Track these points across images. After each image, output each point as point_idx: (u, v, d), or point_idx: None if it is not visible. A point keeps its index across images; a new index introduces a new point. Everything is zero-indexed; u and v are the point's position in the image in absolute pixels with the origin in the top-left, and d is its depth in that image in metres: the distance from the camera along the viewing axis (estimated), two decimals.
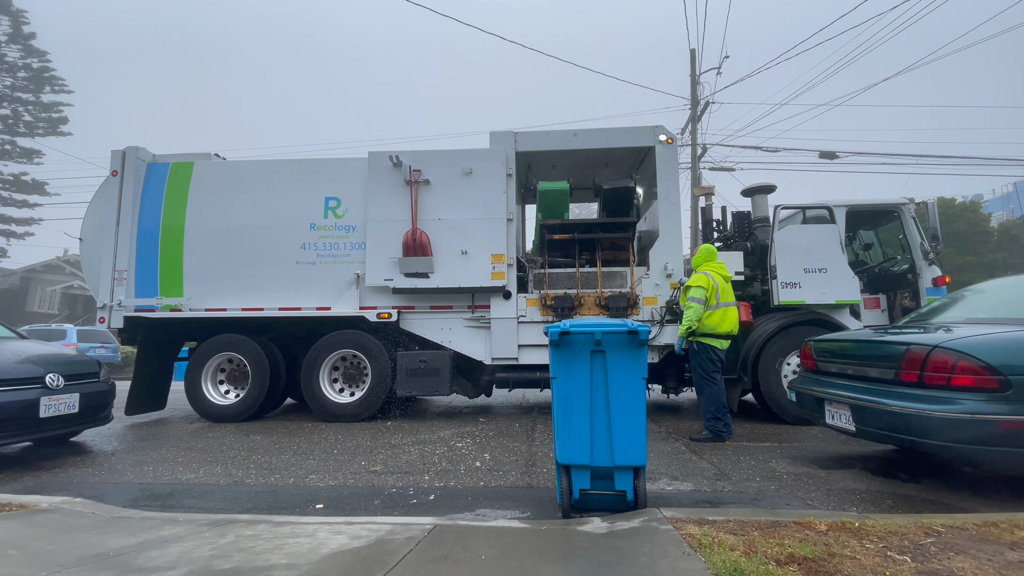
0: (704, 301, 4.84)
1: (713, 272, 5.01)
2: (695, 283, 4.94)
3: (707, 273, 4.98)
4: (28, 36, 27.77)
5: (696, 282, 4.94)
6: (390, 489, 3.66)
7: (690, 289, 4.96)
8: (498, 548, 2.38)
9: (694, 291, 4.90)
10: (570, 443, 2.89)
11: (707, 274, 4.97)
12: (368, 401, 6.28)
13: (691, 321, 4.85)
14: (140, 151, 6.82)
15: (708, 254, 5.23)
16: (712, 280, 4.91)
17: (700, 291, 4.86)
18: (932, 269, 6.06)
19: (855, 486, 3.57)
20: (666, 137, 6.57)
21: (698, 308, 4.83)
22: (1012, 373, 2.94)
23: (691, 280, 5.04)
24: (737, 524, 2.59)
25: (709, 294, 4.87)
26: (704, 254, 5.24)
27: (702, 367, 4.96)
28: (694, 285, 4.93)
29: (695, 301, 4.85)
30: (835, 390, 3.90)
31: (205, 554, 2.36)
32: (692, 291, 4.92)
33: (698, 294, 4.86)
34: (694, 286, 4.93)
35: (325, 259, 6.52)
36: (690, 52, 16.50)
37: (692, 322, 4.85)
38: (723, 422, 4.89)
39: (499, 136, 6.69)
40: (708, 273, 4.98)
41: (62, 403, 4.59)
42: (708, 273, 4.98)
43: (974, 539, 2.36)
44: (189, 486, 3.86)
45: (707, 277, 4.93)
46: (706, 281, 4.90)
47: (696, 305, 4.84)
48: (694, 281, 4.97)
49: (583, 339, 2.94)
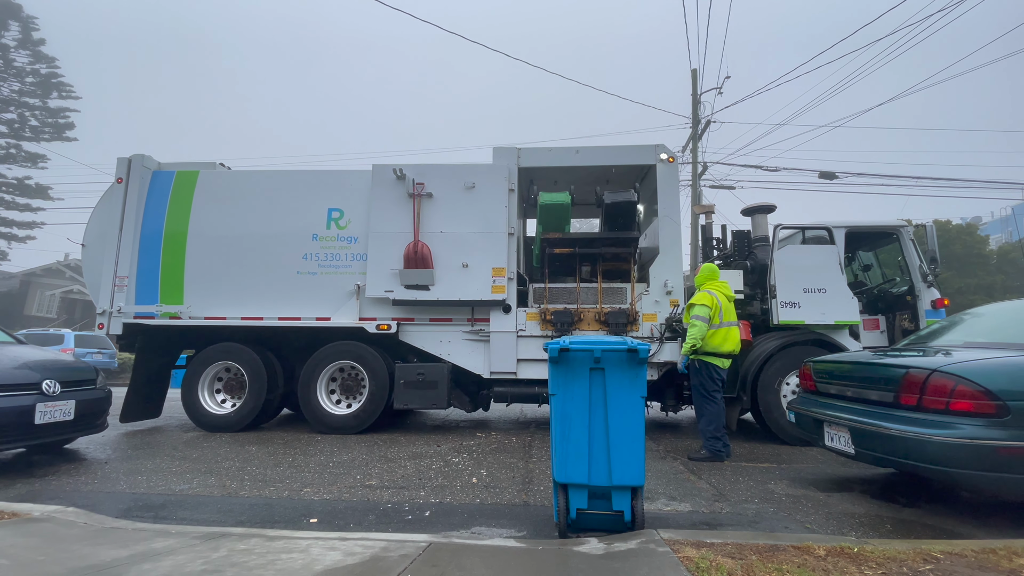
0: (708, 319, 4.83)
1: (716, 291, 5.00)
2: (699, 301, 4.93)
3: (711, 292, 4.98)
4: (38, 42, 28.06)
5: (700, 300, 4.93)
6: (385, 504, 3.63)
7: (694, 307, 4.95)
8: (493, 568, 2.36)
9: (698, 309, 4.88)
10: (568, 461, 2.88)
11: (711, 293, 4.96)
12: (365, 413, 6.24)
13: (695, 339, 4.83)
14: (146, 159, 6.87)
15: (711, 273, 5.23)
16: (716, 299, 4.90)
17: (704, 309, 4.85)
18: (931, 291, 6.07)
19: (854, 509, 3.55)
20: (667, 156, 6.63)
21: (702, 327, 4.82)
22: (1011, 399, 2.94)
23: (695, 298, 5.03)
24: (735, 547, 2.56)
25: (713, 313, 4.86)
26: (707, 273, 5.24)
27: (703, 386, 4.95)
28: (698, 303, 4.92)
29: (699, 319, 4.84)
30: (834, 412, 3.89)
31: (197, 569, 2.33)
32: (696, 309, 4.90)
33: (702, 312, 4.85)
34: (698, 304, 4.91)
35: (326, 270, 6.54)
36: (691, 72, 16.72)
37: (696, 340, 4.83)
38: (722, 442, 4.87)
39: (502, 151, 6.75)
40: (712, 292, 4.98)
41: (58, 410, 4.57)
42: (712, 292, 4.98)
43: (972, 566, 2.34)
44: (183, 497, 3.83)
45: (711, 296, 4.92)
46: (710, 300, 4.89)
47: (700, 324, 4.82)
48: (698, 299, 4.96)
49: (582, 356, 2.94)
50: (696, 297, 5.03)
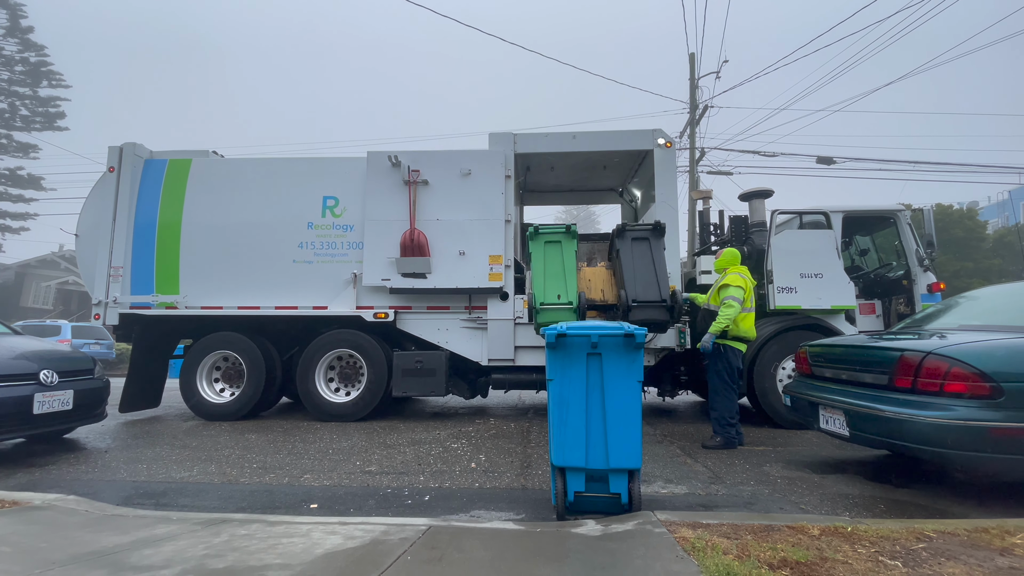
0: (742, 301, 4.69)
1: (746, 274, 4.89)
2: (733, 283, 4.73)
3: (741, 274, 4.82)
4: (26, 30, 27.63)
5: (734, 281, 4.74)
6: (385, 489, 3.66)
7: (728, 288, 4.74)
8: (492, 549, 2.39)
9: (732, 290, 4.69)
10: (565, 445, 2.90)
11: (742, 275, 4.80)
12: (364, 401, 6.27)
13: (728, 320, 4.64)
14: (138, 147, 6.79)
15: (734, 257, 5.08)
16: (747, 281, 4.76)
17: (739, 291, 4.68)
18: (927, 275, 6.09)
19: (848, 491, 3.59)
20: (664, 141, 6.58)
21: (737, 308, 4.65)
22: (1004, 380, 2.97)
23: (727, 279, 4.83)
24: (731, 528, 2.60)
25: (746, 295, 4.72)
26: (730, 257, 5.07)
27: (726, 371, 4.77)
28: (732, 284, 4.72)
29: (735, 300, 4.65)
30: (830, 395, 3.92)
31: (199, 553, 2.36)
32: (730, 290, 4.70)
33: (737, 294, 4.68)
34: (732, 285, 4.72)
35: (322, 258, 6.51)
36: (689, 56, 16.55)
37: (729, 321, 4.65)
38: (735, 428, 4.77)
39: (498, 137, 6.70)
40: (742, 274, 4.82)
41: (56, 400, 4.57)
42: (742, 274, 4.82)
43: (965, 545, 2.38)
44: (183, 484, 3.85)
45: (743, 278, 4.75)
46: (744, 282, 4.72)
47: (736, 304, 4.65)
48: (732, 280, 4.77)
49: (580, 342, 2.95)
50: (729, 278, 4.82)
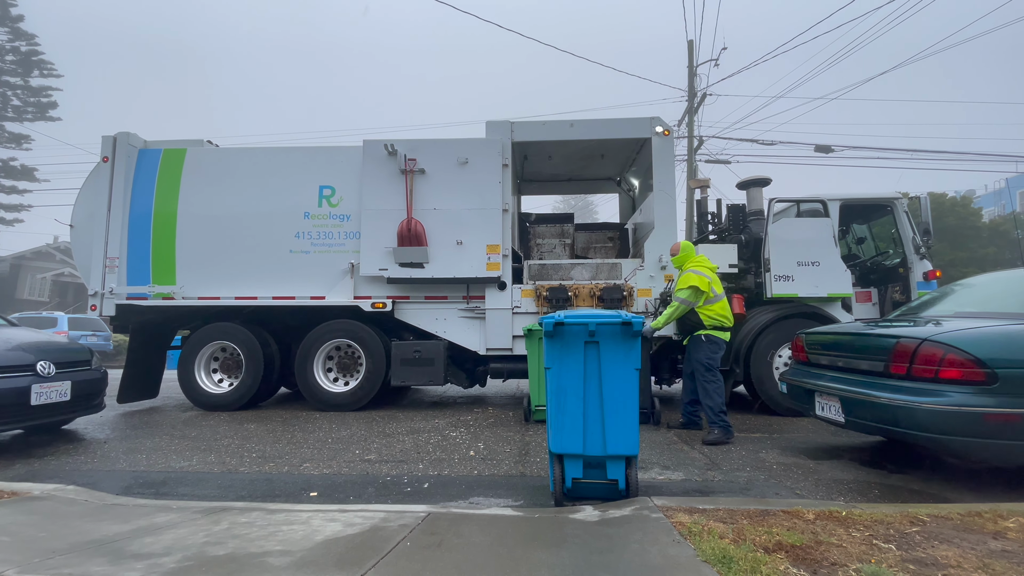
0: (691, 303, 4.72)
1: (703, 268, 4.83)
2: (686, 283, 4.72)
3: (698, 272, 4.76)
4: (16, 19, 27.15)
5: (687, 282, 4.71)
6: (384, 477, 3.68)
7: (681, 291, 4.76)
8: (491, 535, 2.41)
9: (684, 292, 4.71)
10: (563, 432, 2.92)
11: (699, 272, 4.75)
12: (362, 390, 6.28)
13: (669, 318, 4.77)
14: (131, 137, 6.73)
15: (688, 249, 5.04)
16: (705, 277, 4.72)
17: (691, 292, 4.68)
18: (923, 263, 6.11)
19: (843, 476, 3.63)
20: (662, 129, 6.55)
21: (682, 307, 4.72)
22: (999, 366, 2.99)
23: (682, 278, 4.82)
24: (727, 513, 2.63)
25: (713, 285, 4.71)
26: (685, 251, 5.03)
27: (711, 359, 4.73)
28: (685, 286, 4.73)
29: (681, 302, 4.73)
30: (825, 382, 3.95)
31: (199, 540, 2.37)
32: (682, 292, 4.73)
33: (688, 296, 4.70)
34: (685, 287, 4.72)
35: (319, 248, 6.49)
36: (687, 44, 16.43)
37: (670, 319, 4.78)
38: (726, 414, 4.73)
39: (495, 126, 6.65)
40: (699, 271, 4.76)
41: (53, 391, 4.57)
42: (699, 271, 4.76)
43: (958, 528, 2.41)
44: (183, 474, 3.86)
45: (700, 276, 4.71)
46: (700, 278, 4.69)
47: (682, 305, 4.72)
48: (685, 281, 4.75)
49: (577, 330, 2.95)
50: (683, 279, 4.79)
